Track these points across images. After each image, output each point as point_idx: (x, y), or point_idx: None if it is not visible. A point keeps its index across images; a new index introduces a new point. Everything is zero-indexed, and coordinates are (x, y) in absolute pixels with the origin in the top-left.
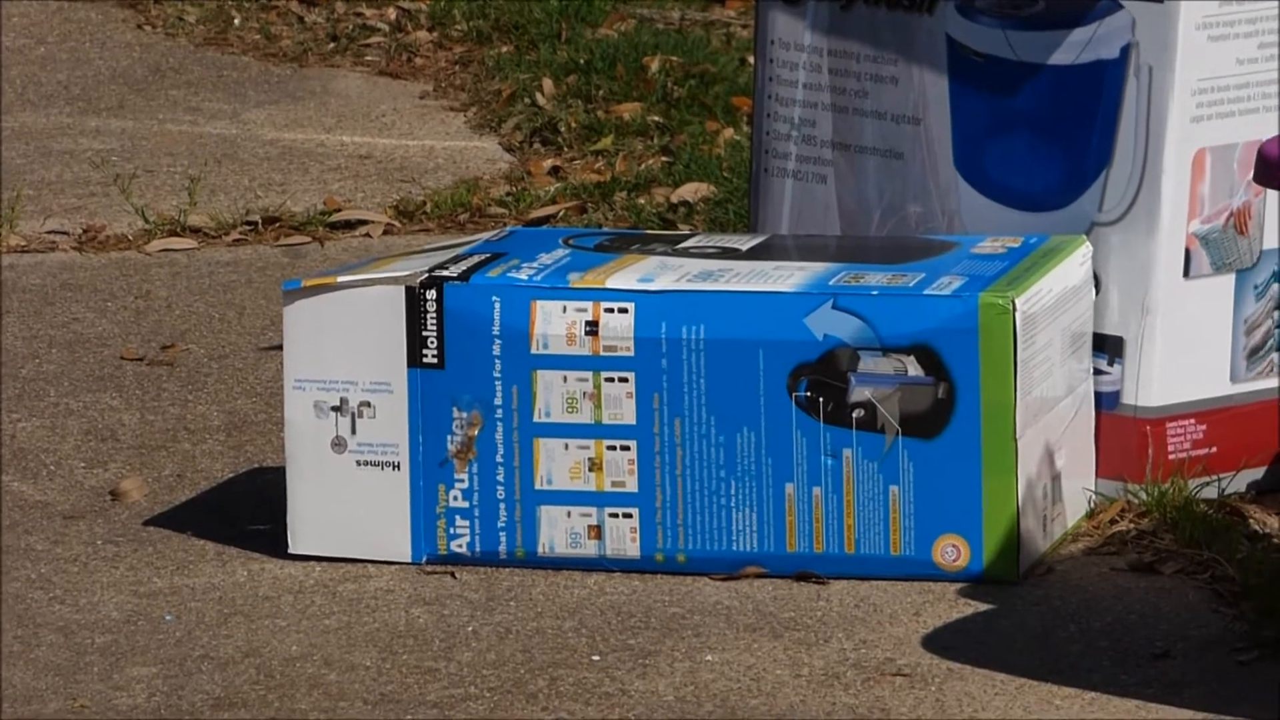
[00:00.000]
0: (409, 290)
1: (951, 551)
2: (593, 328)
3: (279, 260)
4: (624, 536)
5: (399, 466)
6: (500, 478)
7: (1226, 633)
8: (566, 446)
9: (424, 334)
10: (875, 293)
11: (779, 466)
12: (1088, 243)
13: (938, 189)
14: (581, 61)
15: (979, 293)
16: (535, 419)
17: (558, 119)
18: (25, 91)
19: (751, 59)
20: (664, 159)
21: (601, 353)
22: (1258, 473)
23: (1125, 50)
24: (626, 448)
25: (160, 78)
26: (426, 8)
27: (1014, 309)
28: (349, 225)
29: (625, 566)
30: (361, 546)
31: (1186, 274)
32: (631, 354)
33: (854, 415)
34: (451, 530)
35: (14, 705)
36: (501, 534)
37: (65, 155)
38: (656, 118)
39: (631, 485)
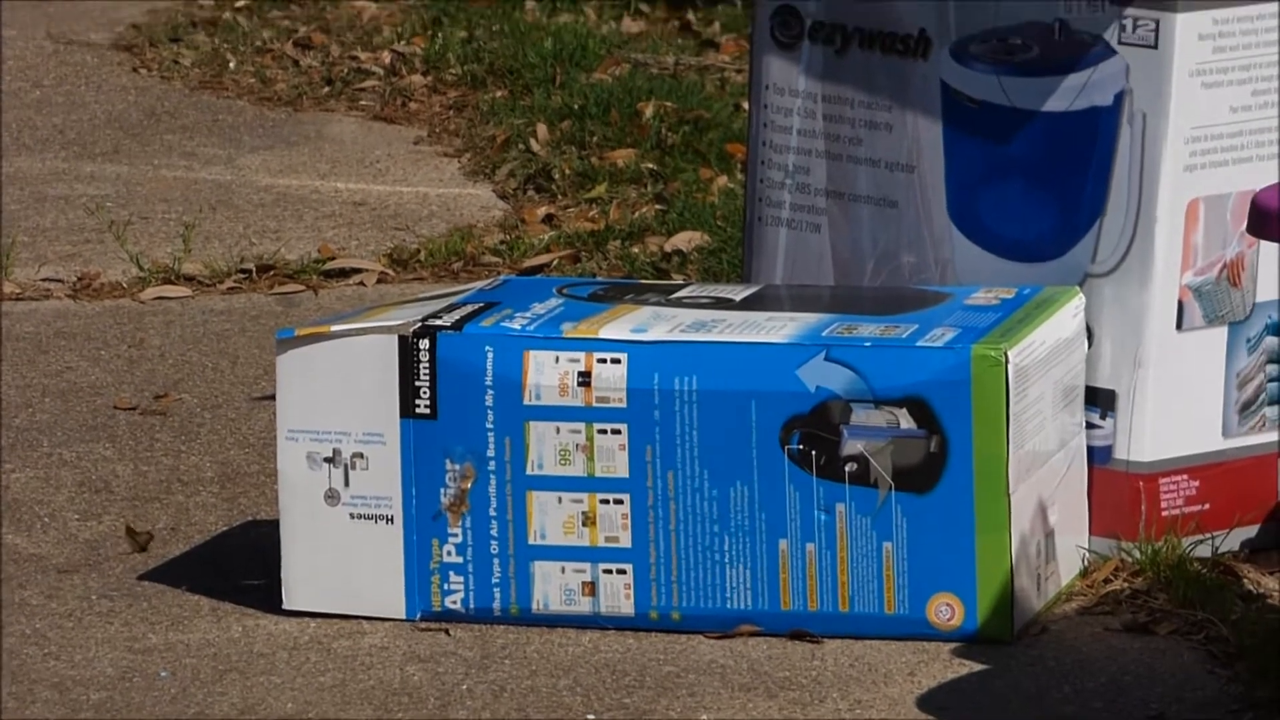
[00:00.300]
0: (402, 339)
1: (946, 610)
2: (585, 378)
3: (273, 309)
4: (618, 593)
5: (392, 520)
6: (494, 532)
7: (1221, 694)
8: (560, 500)
9: (417, 384)
10: (868, 344)
11: (773, 522)
12: (1081, 294)
13: (931, 238)
14: (576, 107)
15: (971, 344)
16: (528, 471)
17: (552, 165)
18: (21, 135)
19: (746, 105)
20: (658, 207)
21: (594, 404)
22: (1251, 530)
23: (1119, 97)
24: (620, 502)
25: (155, 122)
26: (421, 51)
27: (1006, 361)
28: (343, 273)
29: (620, 624)
30: (356, 602)
31: (1179, 326)
32: (624, 405)
33: (847, 469)
34: (446, 586)
35: None
36: (495, 590)
37: (60, 201)
38: (650, 165)
39: (625, 541)
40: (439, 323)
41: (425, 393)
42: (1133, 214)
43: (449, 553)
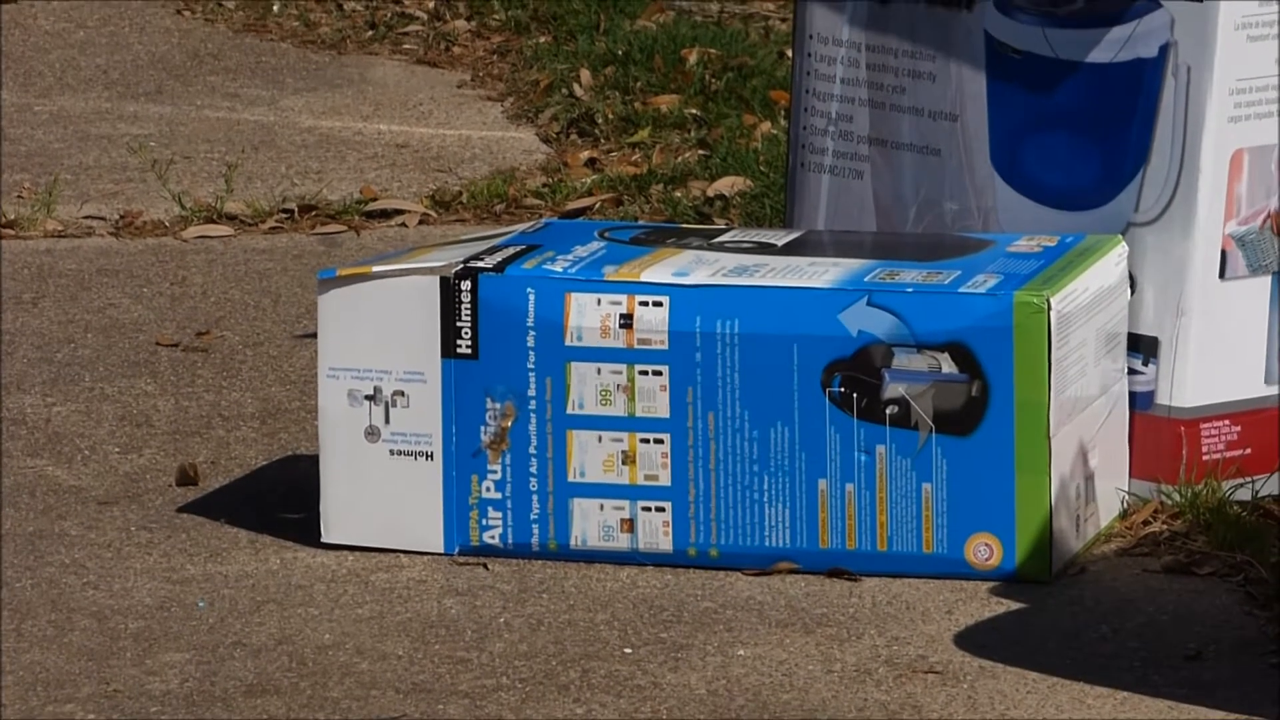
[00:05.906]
0: (444, 280)
1: (984, 550)
2: (627, 321)
3: (314, 248)
4: (656, 530)
5: (432, 456)
6: (533, 469)
7: (1259, 635)
8: (600, 439)
9: (458, 324)
10: (910, 290)
11: (812, 462)
12: (1123, 242)
13: (974, 186)
14: (619, 53)
15: (1014, 291)
16: (569, 411)
17: (595, 110)
18: (64, 75)
19: (790, 53)
20: (701, 152)
21: (636, 346)
22: None
23: (1164, 49)
24: (660, 441)
25: (198, 63)
26: None
27: (1049, 308)
28: (385, 214)
29: (658, 560)
30: (394, 536)
31: (1222, 275)
32: (666, 347)
33: (888, 411)
34: (484, 521)
35: (47, 689)
36: (534, 526)
37: (103, 140)
38: (694, 110)
39: (665, 479)
40: (481, 264)
41: (467, 333)
42: (1176, 164)
43: (488, 489)
